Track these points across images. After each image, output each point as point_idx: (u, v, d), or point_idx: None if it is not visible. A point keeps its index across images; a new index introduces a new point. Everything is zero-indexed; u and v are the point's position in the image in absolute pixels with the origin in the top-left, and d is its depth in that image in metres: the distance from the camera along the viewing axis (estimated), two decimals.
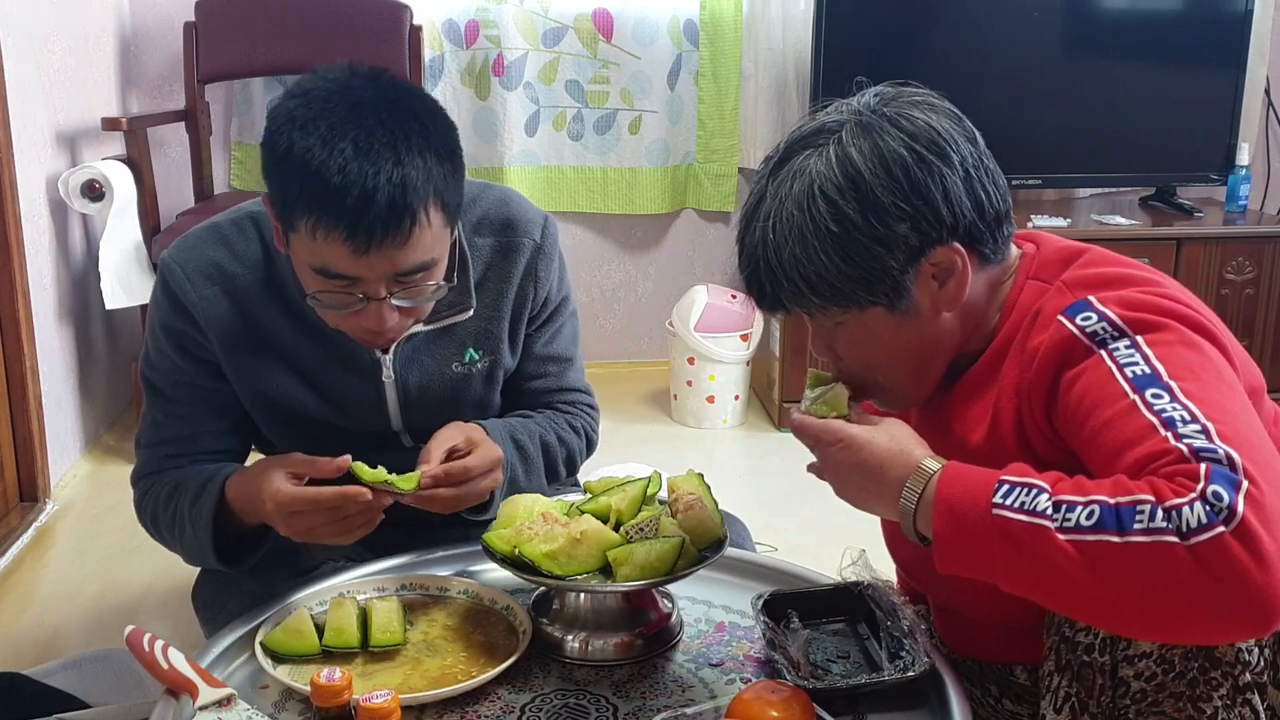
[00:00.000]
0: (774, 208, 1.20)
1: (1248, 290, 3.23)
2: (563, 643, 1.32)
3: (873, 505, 1.19)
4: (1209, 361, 1.10)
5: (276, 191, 1.35)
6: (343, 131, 1.29)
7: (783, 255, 1.20)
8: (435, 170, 1.32)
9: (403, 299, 1.37)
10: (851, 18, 3.19)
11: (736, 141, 3.61)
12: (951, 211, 1.18)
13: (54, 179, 2.83)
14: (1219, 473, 0.97)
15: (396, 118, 1.32)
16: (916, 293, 1.21)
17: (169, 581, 1.65)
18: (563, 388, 1.69)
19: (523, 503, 1.37)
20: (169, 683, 1.19)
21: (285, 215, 1.34)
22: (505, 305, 1.59)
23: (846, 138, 1.19)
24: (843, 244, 1.17)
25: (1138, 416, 1.05)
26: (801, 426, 1.22)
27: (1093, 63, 3.37)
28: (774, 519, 1.28)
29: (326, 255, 1.31)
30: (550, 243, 1.62)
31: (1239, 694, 1.11)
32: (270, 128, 1.34)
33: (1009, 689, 1.38)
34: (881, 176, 1.16)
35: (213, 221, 1.54)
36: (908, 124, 1.19)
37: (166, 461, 1.54)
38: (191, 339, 1.50)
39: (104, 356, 3.17)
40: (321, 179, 1.27)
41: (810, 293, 1.21)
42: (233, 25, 3.23)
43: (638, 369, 3.74)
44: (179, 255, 1.51)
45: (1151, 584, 0.97)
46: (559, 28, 3.47)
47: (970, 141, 1.21)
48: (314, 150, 1.28)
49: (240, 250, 1.50)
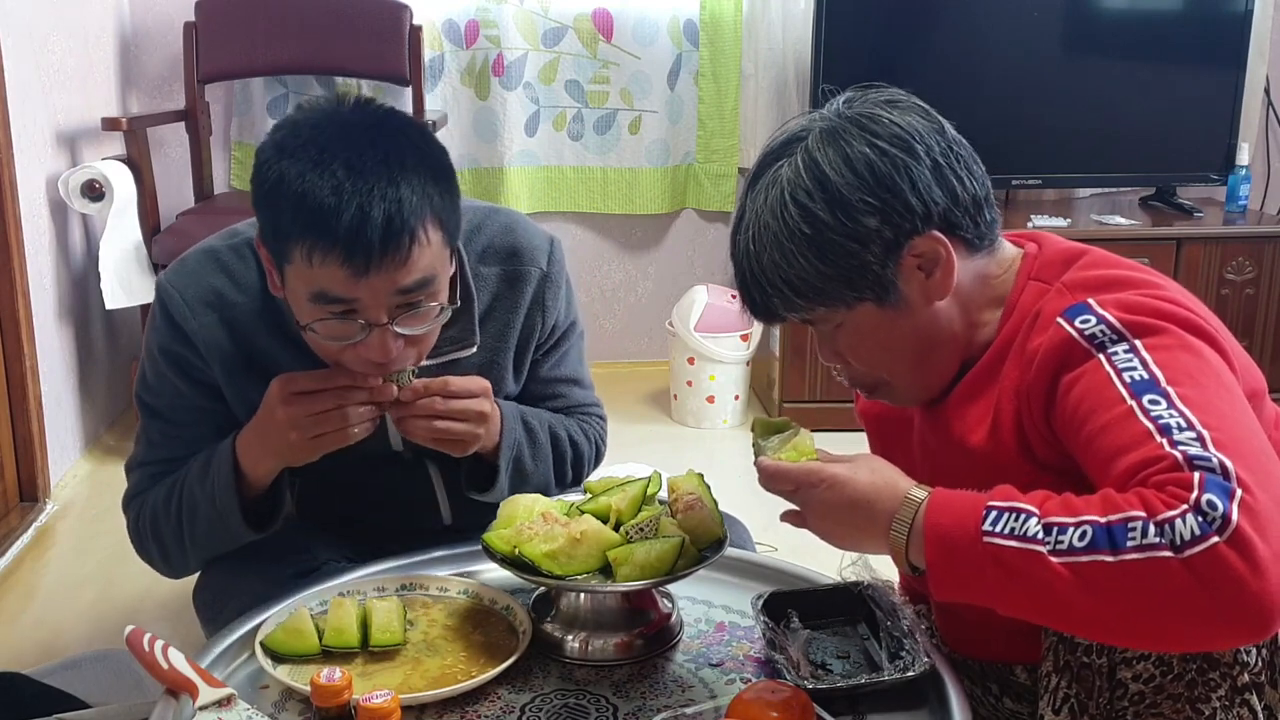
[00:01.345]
0: (751, 219, 1.23)
1: (1248, 290, 3.23)
2: (563, 643, 1.32)
3: (863, 542, 1.19)
4: (1208, 366, 1.10)
5: (269, 224, 1.31)
6: (334, 154, 1.26)
7: (764, 263, 1.22)
8: (430, 189, 1.30)
9: (405, 326, 1.33)
10: (851, 18, 3.19)
11: (736, 141, 3.61)
12: (921, 200, 1.19)
13: (54, 179, 2.83)
14: (1212, 481, 0.97)
15: (388, 139, 1.30)
16: (903, 285, 1.22)
17: (169, 582, 1.65)
18: (570, 406, 1.69)
19: (523, 503, 1.37)
20: (169, 683, 1.19)
21: (279, 247, 1.30)
22: (511, 336, 1.58)
23: (812, 144, 1.21)
24: (818, 245, 1.19)
25: (1134, 422, 1.05)
26: (779, 473, 1.21)
27: (1093, 63, 3.37)
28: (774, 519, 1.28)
29: (323, 280, 1.27)
30: (557, 269, 1.60)
31: (1237, 695, 1.11)
32: (258, 162, 1.31)
33: (1009, 688, 1.38)
34: (847, 175, 1.18)
35: (211, 246, 1.51)
36: (870, 124, 1.21)
37: (157, 480, 1.53)
38: (191, 363, 1.48)
39: (104, 356, 3.17)
40: (315, 201, 1.24)
41: (796, 296, 1.22)
42: (233, 25, 3.23)
43: (638, 369, 3.74)
44: (178, 281, 1.48)
45: (1148, 600, 0.97)
46: (559, 28, 3.47)
47: (938, 133, 1.22)
48: (305, 175, 1.25)
49: (240, 277, 1.48)
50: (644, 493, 1.37)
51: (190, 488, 1.47)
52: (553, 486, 1.62)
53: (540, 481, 1.58)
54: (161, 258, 2.87)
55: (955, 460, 1.26)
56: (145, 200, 2.94)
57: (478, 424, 1.44)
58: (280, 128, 1.33)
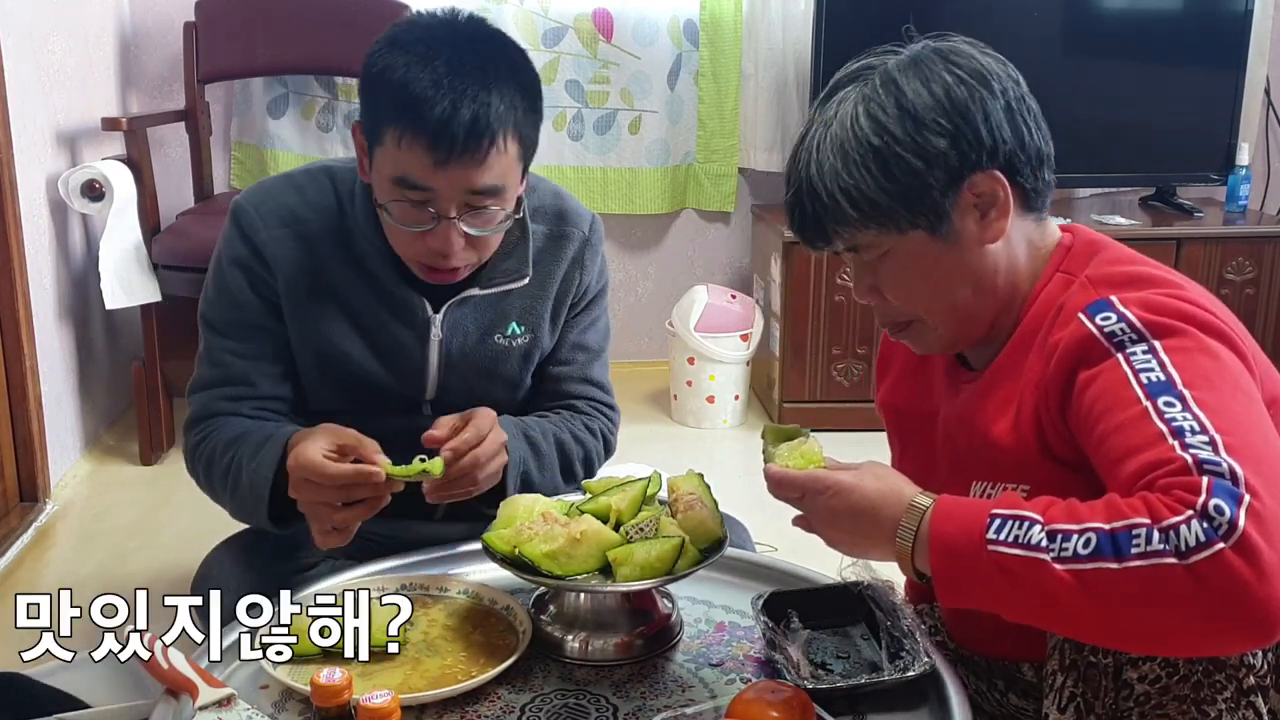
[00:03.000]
0: (819, 131, 1.24)
1: (1248, 290, 3.23)
2: (563, 643, 1.32)
3: (869, 549, 1.19)
4: (1226, 370, 1.10)
5: (367, 107, 1.42)
6: (438, 52, 1.37)
7: (824, 171, 1.22)
8: (518, 103, 1.40)
9: (471, 225, 1.42)
10: (851, 18, 3.19)
11: (736, 141, 3.61)
12: (991, 135, 1.21)
13: (54, 179, 2.83)
14: (1221, 486, 0.97)
15: (491, 50, 1.41)
16: (958, 220, 1.22)
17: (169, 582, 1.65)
18: (586, 378, 1.71)
19: (523, 503, 1.37)
20: (169, 683, 1.19)
21: (373, 128, 1.40)
22: (552, 287, 1.64)
23: (894, 67, 1.23)
24: (883, 158, 1.20)
25: (1148, 424, 1.05)
26: (785, 479, 1.21)
27: (1093, 63, 3.37)
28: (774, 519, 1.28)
29: (407, 164, 1.38)
30: (597, 238, 1.69)
31: (1243, 697, 1.11)
32: (371, 51, 1.41)
33: (1015, 684, 1.38)
34: (924, 96, 1.20)
35: (287, 172, 1.61)
36: (954, 55, 1.24)
37: (225, 404, 1.55)
38: (258, 275, 1.54)
39: (104, 356, 3.17)
40: (413, 90, 1.35)
41: (852, 209, 1.22)
42: (233, 25, 3.23)
43: (638, 369, 3.73)
44: (253, 197, 1.56)
45: (1152, 606, 0.97)
46: (559, 28, 3.47)
47: (1015, 81, 1.25)
48: (410, 65, 1.36)
49: (313, 198, 1.56)
50: (644, 493, 1.37)
51: (242, 454, 1.48)
52: (562, 488, 1.63)
53: (549, 488, 1.59)
54: (161, 258, 2.87)
55: (977, 454, 1.26)
56: (145, 200, 2.94)
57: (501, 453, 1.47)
58: (397, 25, 1.44)
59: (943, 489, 1.16)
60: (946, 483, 1.30)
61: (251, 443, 1.48)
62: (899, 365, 1.48)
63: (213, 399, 1.56)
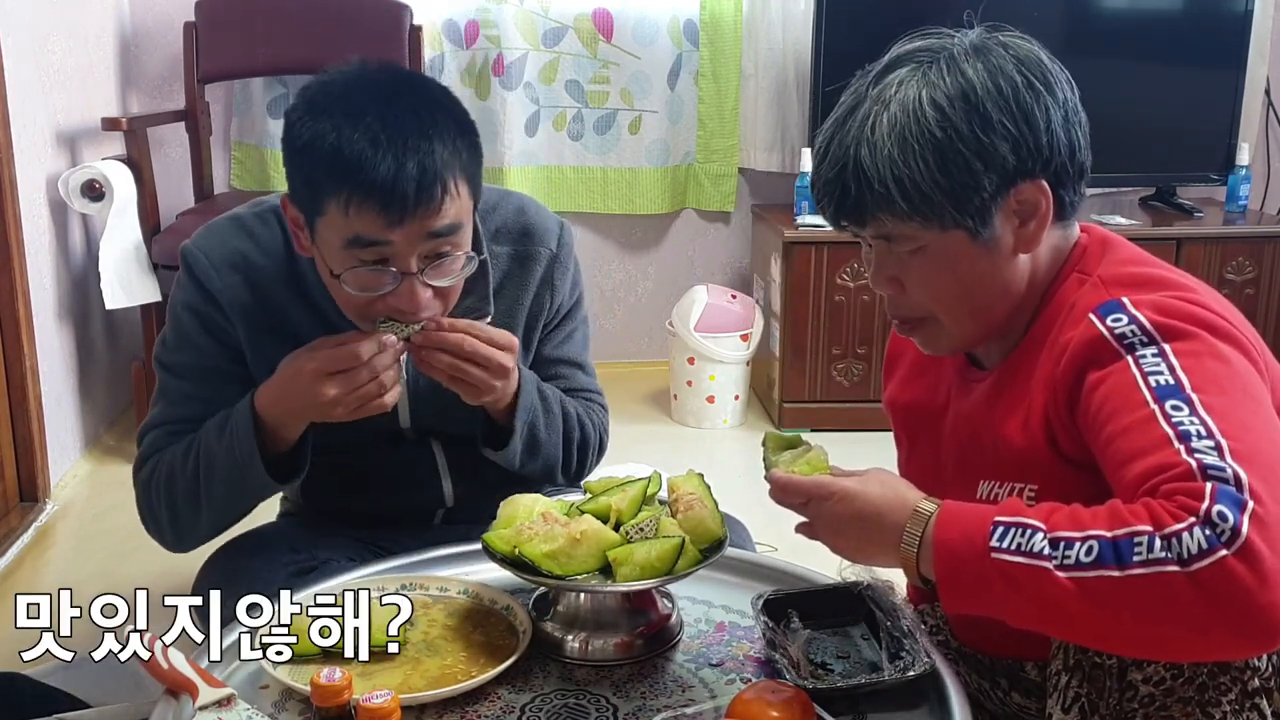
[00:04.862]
0: (876, 110, 1.20)
1: (1248, 290, 3.23)
2: (563, 643, 1.31)
3: (874, 555, 1.18)
4: (1236, 374, 1.09)
5: (300, 181, 1.35)
6: (364, 108, 1.31)
7: (879, 155, 1.19)
8: (460, 145, 1.35)
9: (433, 277, 1.37)
10: (851, 18, 3.19)
11: (736, 141, 3.61)
12: (1050, 144, 1.19)
13: (54, 179, 2.83)
14: (1224, 493, 0.97)
15: (416, 96, 1.35)
16: (998, 226, 1.21)
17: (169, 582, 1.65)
18: (573, 389, 1.69)
19: (523, 503, 1.37)
20: (169, 683, 1.19)
21: (312, 202, 1.34)
22: (521, 313, 1.61)
23: (960, 54, 1.20)
24: (944, 152, 1.17)
25: (1155, 427, 1.05)
26: (789, 485, 1.21)
27: (1093, 63, 3.36)
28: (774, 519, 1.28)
29: (359, 226, 1.31)
30: (566, 251, 1.64)
31: (1247, 699, 1.11)
32: (289, 122, 1.35)
33: (1019, 683, 1.38)
34: (993, 93, 1.18)
35: (234, 213, 1.56)
36: (1019, 49, 1.21)
37: (175, 438, 1.52)
38: (216, 322, 1.51)
39: (104, 356, 3.17)
40: (350, 153, 1.29)
41: (901, 198, 1.19)
42: (233, 25, 3.23)
43: (638, 369, 3.74)
44: (203, 243, 1.52)
45: (1155, 614, 0.97)
46: (559, 28, 3.47)
47: (1071, 88, 1.23)
48: (340, 128, 1.30)
49: (263, 241, 1.52)
50: (644, 493, 1.37)
51: (208, 443, 1.47)
52: (558, 470, 1.62)
53: (549, 456, 1.59)
54: (161, 258, 2.87)
55: (986, 452, 1.26)
56: (145, 200, 2.94)
57: (497, 375, 1.44)
58: (308, 89, 1.37)
59: (950, 487, 1.16)
60: (954, 481, 1.30)
61: (211, 430, 1.47)
62: (907, 363, 1.48)
63: (162, 435, 1.53)
